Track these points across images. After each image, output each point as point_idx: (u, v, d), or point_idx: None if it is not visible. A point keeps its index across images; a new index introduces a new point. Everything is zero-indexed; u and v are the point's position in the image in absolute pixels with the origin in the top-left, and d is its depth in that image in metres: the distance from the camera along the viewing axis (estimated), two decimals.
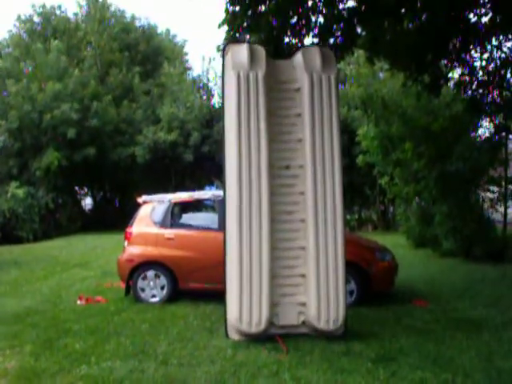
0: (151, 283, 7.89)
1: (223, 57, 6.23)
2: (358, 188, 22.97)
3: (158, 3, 57.36)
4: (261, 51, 6.14)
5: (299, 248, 5.93)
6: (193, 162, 23.82)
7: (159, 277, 7.87)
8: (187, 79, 26.83)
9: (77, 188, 28.25)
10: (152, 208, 8.22)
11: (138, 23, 28.83)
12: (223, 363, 5.07)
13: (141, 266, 7.91)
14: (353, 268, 7.71)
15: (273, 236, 5.81)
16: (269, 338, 5.78)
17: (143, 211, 8.29)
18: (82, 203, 29.58)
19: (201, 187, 25.20)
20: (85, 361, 5.13)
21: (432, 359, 5.24)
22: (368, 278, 7.73)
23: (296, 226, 5.96)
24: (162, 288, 7.87)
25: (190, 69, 29.82)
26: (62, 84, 22.69)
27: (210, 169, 24.26)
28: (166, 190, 21.20)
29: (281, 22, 9.04)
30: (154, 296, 7.88)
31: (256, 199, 5.72)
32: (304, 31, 9.40)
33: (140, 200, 8.41)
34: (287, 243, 5.93)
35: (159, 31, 29.89)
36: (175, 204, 8.12)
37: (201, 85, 25.74)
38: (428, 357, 5.31)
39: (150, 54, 28.30)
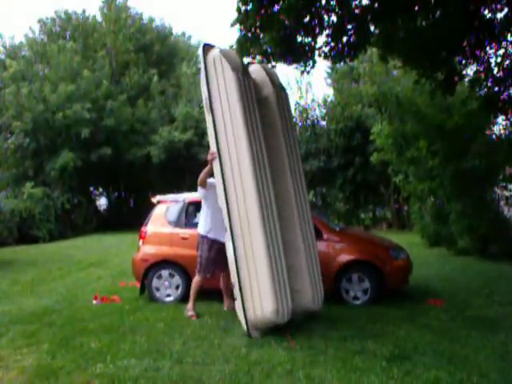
0: (166, 283, 7.94)
1: (204, 56, 6.40)
2: (373, 186, 22.89)
3: (174, 4, 57.50)
4: (241, 57, 6.80)
5: (286, 241, 6.32)
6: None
7: (174, 276, 7.92)
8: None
9: (92, 188, 28.47)
10: (166, 208, 8.27)
11: (153, 24, 28.96)
12: (237, 362, 5.09)
13: (155, 266, 7.96)
14: (367, 266, 7.74)
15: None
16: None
17: (158, 211, 8.34)
18: (97, 203, 29.81)
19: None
20: (100, 359, 5.18)
21: (447, 358, 5.21)
22: (382, 276, 7.70)
23: (281, 222, 6.32)
24: (177, 287, 7.91)
25: None
26: (74, 85, 22.87)
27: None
28: (180, 190, 21.29)
29: (293, 21, 9.03)
30: (168, 295, 7.93)
31: (268, 198, 6.09)
32: (317, 30, 9.39)
33: (154, 200, 8.46)
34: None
35: (174, 32, 30.01)
36: (190, 203, 8.15)
37: None
38: (443, 356, 5.29)
39: (164, 54, 28.47)
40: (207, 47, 6.59)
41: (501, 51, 10.55)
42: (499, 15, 9.63)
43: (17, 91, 22.56)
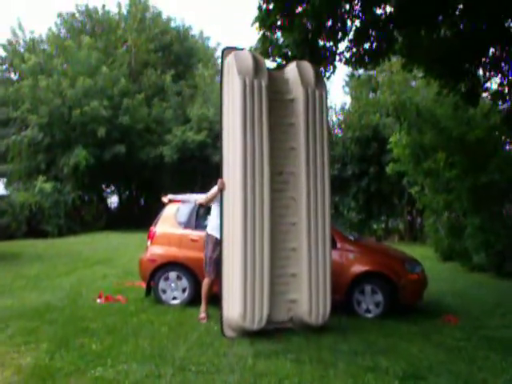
0: (173, 285, 7.71)
1: (222, 61, 6.37)
2: (386, 197, 22.59)
3: (193, 5, 57.59)
4: (262, 60, 6.45)
5: (290, 249, 6.27)
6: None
7: (181, 279, 7.69)
8: (218, 81, 26.79)
9: (103, 186, 28.39)
10: (177, 208, 8.05)
11: (173, 24, 28.92)
12: (243, 372, 4.84)
13: (163, 267, 7.73)
14: (380, 279, 7.49)
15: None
16: (259, 333, 5.97)
17: (168, 211, 8.12)
18: (108, 201, 29.73)
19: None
20: (100, 362, 4.94)
21: (463, 380, 4.93)
22: (396, 289, 7.44)
23: (286, 229, 6.29)
24: (184, 290, 7.69)
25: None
26: (92, 80, 22.79)
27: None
28: (192, 191, 21.17)
29: (316, 24, 8.82)
30: (174, 298, 7.70)
31: (259, 203, 5.99)
32: (339, 35, 9.18)
33: (165, 199, 8.23)
34: (279, 245, 6.20)
35: (193, 33, 29.97)
36: (201, 205, 7.91)
37: None
38: (459, 377, 5.01)
39: (182, 55, 28.40)
40: (227, 51, 6.44)
41: None
42: None
43: (34, 84, 22.50)
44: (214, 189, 6.67)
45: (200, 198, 7.98)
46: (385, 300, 7.40)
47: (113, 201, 30.73)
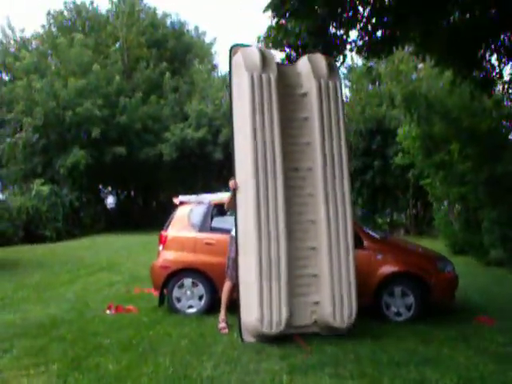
0: (188, 292, 7.15)
1: (230, 57, 6.18)
2: (391, 190, 22.15)
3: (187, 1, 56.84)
4: (271, 55, 6.29)
5: (310, 248, 6.01)
6: (222, 160, 23.15)
7: (197, 285, 7.14)
8: (216, 76, 26.28)
9: (100, 186, 27.80)
10: (190, 210, 7.49)
11: (168, 20, 28.31)
12: None
13: (177, 274, 7.16)
14: (412, 280, 6.99)
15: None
16: (284, 337, 5.70)
17: (180, 213, 7.55)
18: (106, 202, 29.16)
19: (227, 187, 24.57)
20: None
21: None
22: (428, 290, 6.94)
23: (305, 227, 6.04)
24: (200, 298, 7.14)
25: (217, 67, 29.31)
26: (85, 79, 22.19)
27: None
28: (193, 189, 20.64)
29: (327, 11, 8.32)
30: (190, 307, 7.15)
31: (272, 201, 5.76)
32: (351, 22, 8.69)
33: (176, 201, 7.67)
34: (298, 244, 5.95)
35: (189, 28, 29.35)
36: (216, 206, 7.37)
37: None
38: None
39: (178, 51, 27.77)
40: (235, 49, 6.21)
41: None
42: None
43: (28, 85, 21.87)
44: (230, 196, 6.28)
45: (215, 197, 7.49)
46: (416, 302, 6.91)
47: (110, 201, 30.14)
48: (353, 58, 24.56)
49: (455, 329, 6.62)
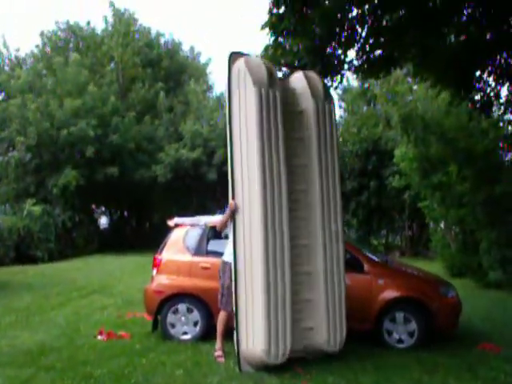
0: (183, 318, 6.88)
1: (230, 65, 5.88)
2: (387, 212, 21.98)
3: (182, 21, 57.28)
4: (274, 69, 6.10)
5: (303, 273, 5.89)
6: (216, 181, 22.95)
7: (192, 311, 6.86)
8: (211, 97, 26.20)
9: (93, 206, 27.47)
10: (185, 232, 7.26)
11: (162, 39, 28.25)
12: None
13: (172, 299, 6.90)
14: (414, 305, 6.76)
15: None
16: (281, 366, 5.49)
17: (175, 236, 7.31)
18: (99, 222, 28.81)
19: (222, 208, 24.34)
20: None
21: None
22: (431, 316, 6.71)
23: (299, 251, 5.88)
24: (195, 324, 6.86)
25: (212, 87, 29.23)
26: (81, 100, 22.05)
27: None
28: (186, 210, 20.39)
29: (325, 30, 8.24)
30: (185, 333, 6.87)
31: (278, 224, 5.56)
32: (349, 42, 8.61)
33: (171, 223, 7.44)
34: (292, 269, 5.71)
35: (184, 48, 29.28)
36: (212, 228, 7.14)
37: (225, 103, 25.01)
38: None
39: (172, 70, 27.63)
40: (234, 56, 5.92)
41: None
42: None
43: (22, 104, 21.68)
44: (227, 211, 5.92)
45: (210, 220, 7.26)
46: (419, 329, 6.67)
47: (103, 222, 29.79)
48: (348, 79, 24.62)
49: (459, 356, 6.41)
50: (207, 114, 24.28)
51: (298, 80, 6.30)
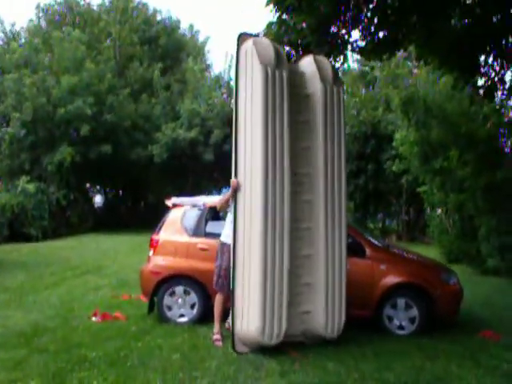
0: (180, 300, 6.73)
1: (238, 46, 5.81)
2: (384, 196, 21.87)
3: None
4: (282, 50, 6.03)
5: (304, 256, 5.82)
6: (213, 161, 22.72)
7: (189, 293, 6.71)
8: (209, 76, 25.85)
9: (88, 185, 27.25)
10: (183, 213, 7.08)
11: (159, 17, 27.79)
12: None
13: (168, 280, 6.74)
14: (415, 291, 6.64)
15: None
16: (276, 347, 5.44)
17: (172, 216, 7.12)
18: (94, 201, 28.64)
19: (219, 189, 24.16)
20: None
21: None
22: (432, 303, 6.59)
23: (301, 234, 5.82)
24: (192, 306, 6.72)
25: (210, 66, 28.88)
26: (78, 77, 21.70)
27: (230, 170, 23.24)
28: (182, 190, 20.23)
29: (329, 9, 8.00)
30: (182, 315, 6.73)
31: (279, 206, 5.50)
32: (353, 22, 8.39)
33: (169, 203, 7.25)
34: (293, 252, 5.66)
35: (182, 26, 28.86)
36: (211, 209, 6.98)
37: (223, 82, 24.72)
38: None
39: (170, 48, 27.26)
40: (243, 37, 5.82)
41: None
42: None
43: (18, 79, 21.31)
44: (229, 190, 5.82)
45: (209, 200, 7.09)
46: (420, 315, 6.55)
47: (97, 201, 29.60)
48: (348, 61, 24.31)
49: (460, 343, 6.31)
50: (205, 94, 23.98)
51: (307, 63, 6.21)
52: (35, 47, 23.55)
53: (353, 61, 24.15)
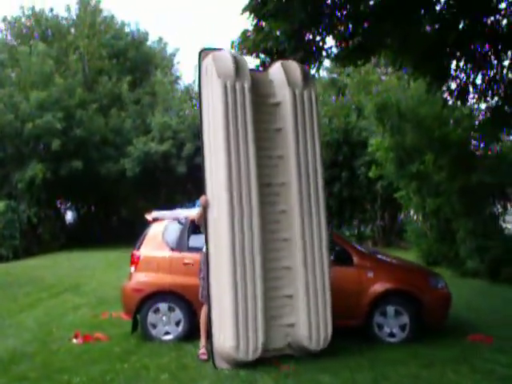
0: (164, 318, 6.52)
1: (200, 62, 5.89)
2: (359, 202, 21.94)
3: (150, 11, 56.14)
4: (244, 60, 5.99)
5: (283, 268, 5.74)
6: (186, 173, 22.47)
7: (174, 310, 6.52)
8: (179, 88, 25.66)
9: (59, 201, 26.66)
10: (164, 227, 6.89)
11: (127, 29, 27.48)
12: None
13: (152, 297, 6.54)
14: (405, 298, 6.57)
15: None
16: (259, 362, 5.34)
17: (153, 231, 6.91)
18: (65, 218, 28.03)
19: (193, 201, 23.88)
20: None
21: None
22: (422, 309, 6.52)
23: (279, 246, 5.75)
24: (178, 323, 6.52)
25: (179, 77, 28.67)
26: (46, 91, 21.26)
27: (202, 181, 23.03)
28: (155, 204, 19.89)
29: (305, 15, 7.97)
30: (167, 333, 6.52)
31: (247, 218, 5.43)
32: (328, 29, 8.38)
33: (149, 217, 7.05)
34: (271, 264, 5.63)
35: (150, 39, 28.57)
36: (193, 222, 6.78)
37: (193, 93, 24.53)
38: None
39: (139, 61, 26.93)
40: (204, 53, 5.86)
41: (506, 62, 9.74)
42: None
43: None
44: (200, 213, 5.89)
45: (190, 213, 6.90)
46: (411, 322, 6.48)
47: (68, 217, 29.00)
48: (321, 68, 24.44)
49: (452, 348, 6.28)
50: (176, 106, 23.75)
51: (275, 71, 6.15)
52: (1, 62, 23.02)
53: (322, 69, 24.21)
